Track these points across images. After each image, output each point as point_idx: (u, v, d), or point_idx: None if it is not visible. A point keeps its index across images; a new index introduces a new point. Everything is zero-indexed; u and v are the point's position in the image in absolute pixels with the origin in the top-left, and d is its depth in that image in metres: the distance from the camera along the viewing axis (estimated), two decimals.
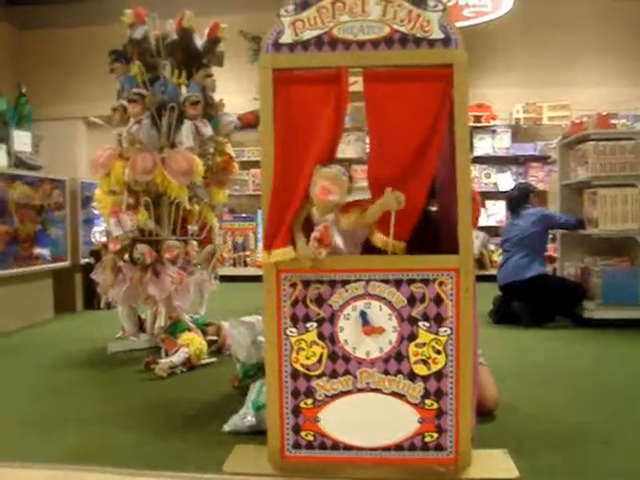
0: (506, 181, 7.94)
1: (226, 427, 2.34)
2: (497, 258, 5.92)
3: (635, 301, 4.41)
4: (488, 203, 7.88)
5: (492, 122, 8.06)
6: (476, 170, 7.99)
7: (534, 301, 4.64)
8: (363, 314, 1.94)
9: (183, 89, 3.77)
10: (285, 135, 1.97)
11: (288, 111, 1.99)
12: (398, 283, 1.94)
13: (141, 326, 3.98)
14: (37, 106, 6.35)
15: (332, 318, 1.96)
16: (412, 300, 1.94)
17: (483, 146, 8.10)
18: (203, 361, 3.44)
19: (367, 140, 7.96)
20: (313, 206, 1.97)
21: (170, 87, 3.69)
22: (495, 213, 7.93)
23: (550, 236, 6.34)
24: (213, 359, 3.53)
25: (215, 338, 3.72)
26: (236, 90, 6.86)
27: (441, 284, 1.93)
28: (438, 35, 1.95)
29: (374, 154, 2.06)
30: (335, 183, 1.92)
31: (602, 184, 4.47)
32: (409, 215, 1.97)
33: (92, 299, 5.45)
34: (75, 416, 2.59)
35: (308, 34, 1.99)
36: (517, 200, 5.03)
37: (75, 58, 8.29)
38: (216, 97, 3.90)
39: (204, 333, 3.68)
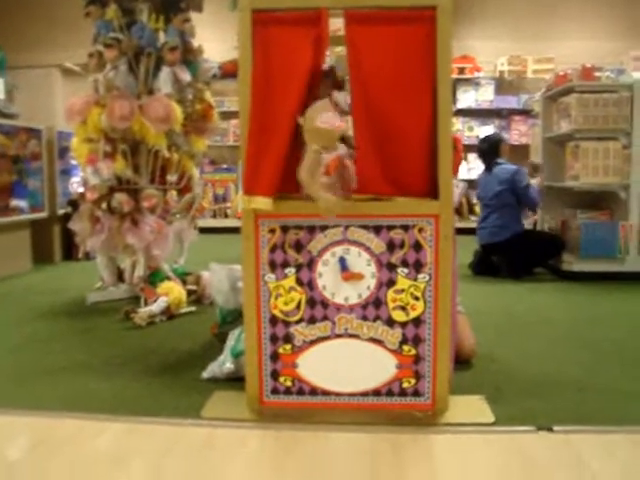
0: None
1: (205, 374, 2.34)
2: (479, 210, 5.89)
3: (614, 254, 4.45)
4: (470, 156, 7.85)
5: (476, 74, 7.99)
6: (459, 123, 7.95)
7: (513, 255, 4.67)
8: (342, 260, 1.93)
9: (161, 34, 3.66)
10: (264, 78, 1.92)
11: (267, 53, 1.94)
12: (377, 229, 1.92)
13: (120, 276, 3.95)
14: (10, 53, 6.17)
15: (311, 264, 1.95)
16: (391, 246, 1.92)
17: (466, 99, 8.05)
18: (182, 310, 3.44)
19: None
20: (311, 148, 1.87)
21: (147, 32, 3.59)
22: (477, 166, 7.89)
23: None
24: (192, 308, 3.52)
25: (194, 287, 3.71)
26: (216, 38, 6.69)
27: (420, 230, 1.91)
28: None
29: (357, 100, 1.97)
30: (334, 112, 1.86)
31: (585, 137, 4.45)
32: (420, 167, 1.94)
33: (71, 250, 5.41)
34: (54, 365, 2.58)
35: None
36: (487, 153, 4.94)
37: (50, 3, 8.05)
38: (195, 43, 3.81)
39: (183, 282, 3.67)
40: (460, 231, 2.03)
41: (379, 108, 1.93)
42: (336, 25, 2.10)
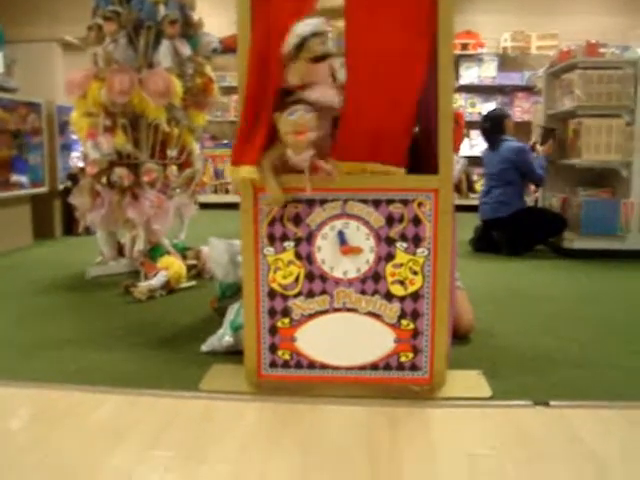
0: None
1: (204, 347, 2.35)
2: (479, 188, 5.87)
3: (614, 232, 4.44)
4: (473, 133, 7.81)
5: (479, 50, 7.92)
6: (461, 99, 7.90)
7: (514, 232, 4.66)
8: (341, 234, 1.92)
9: (161, 7, 3.62)
10: (259, 51, 1.90)
11: (264, 27, 1.91)
12: (376, 203, 1.91)
13: (120, 250, 3.95)
14: (9, 27, 6.12)
15: (309, 237, 1.95)
16: (390, 220, 1.92)
17: (469, 75, 7.99)
18: (182, 285, 3.45)
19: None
20: (286, 147, 1.88)
21: (147, 5, 3.54)
22: (479, 143, 7.85)
23: None
24: (192, 283, 3.53)
25: (194, 262, 3.71)
26: (218, 13, 6.64)
27: (420, 205, 1.91)
28: None
29: (353, 65, 1.95)
30: (304, 125, 1.85)
31: (588, 114, 4.42)
32: (401, 137, 1.92)
33: (71, 225, 5.41)
34: (55, 338, 2.60)
35: None
36: (491, 131, 4.89)
37: None
38: (195, 16, 3.77)
39: (184, 257, 3.68)
40: (460, 208, 2.02)
41: (372, 77, 1.91)
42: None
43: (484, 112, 7.61)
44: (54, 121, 5.37)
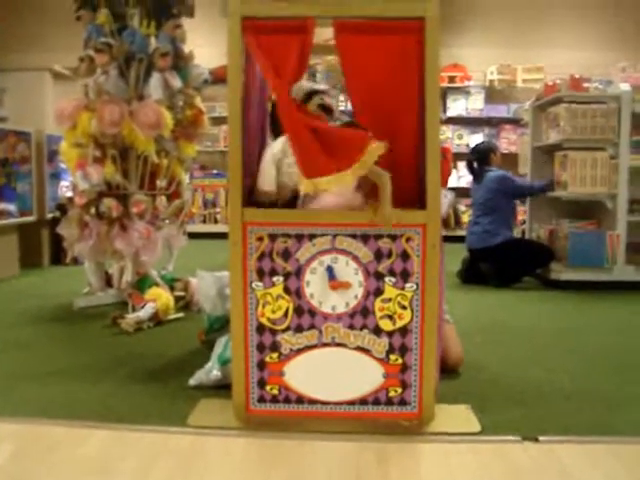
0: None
1: (192, 381, 2.33)
2: (467, 219, 5.91)
3: (601, 263, 4.48)
4: (460, 165, 7.88)
5: (466, 83, 8.03)
6: (449, 131, 7.98)
7: (502, 263, 4.68)
8: (329, 268, 1.93)
9: (152, 40, 3.67)
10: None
11: (256, 59, 1.95)
12: (365, 238, 1.93)
13: (108, 281, 3.94)
14: (0, 55, 6.16)
15: (298, 272, 1.95)
16: (379, 255, 1.93)
17: (456, 107, 8.09)
18: (170, 316, 3.43)
19: (342, 98, 7.90)
20: None
21: (139, 37, 3.59)
22: (466, 174, 7.91)
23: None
24: (180, 314, 3.52)
25: (183, 294, 3.70)
26: (208, 43, 6.70)
27: (408, 240, 1.92)
28: None
29: (358, 106, 2.01)
30: None
31: (573, 147, 4.48)
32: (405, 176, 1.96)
33: (59, 254, 5.37)
34: (40, 370, 2.57)
35: None
36: (478, 162, 4.98)
37: (41, 6, 8.02)
38: (186, 49, 3.81)
39: (172, 289, 3.66)
40: (447, 239, 2.04)
41: (375, 114, 1.94)
42: (327, 35, 2.12)
43: (471, 144, 7.72)
44: (43, 150, 5.38)
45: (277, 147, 2.31)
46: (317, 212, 2.04)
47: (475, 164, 5.00)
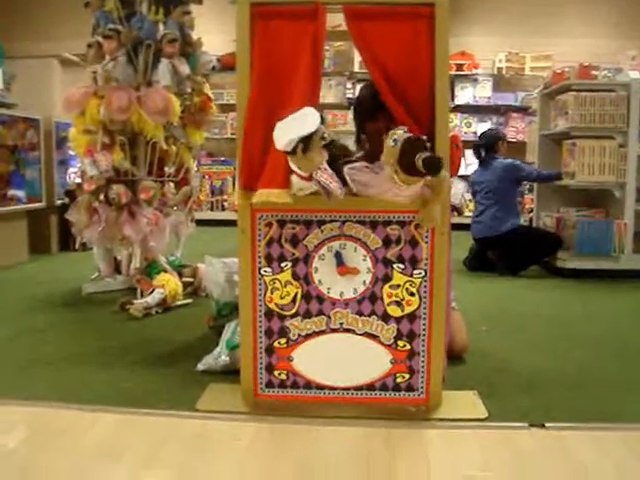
0: None
1: (200, 366, 2.35)
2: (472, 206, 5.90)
3: (608, 252, 4.46)
4: (467, 152, 7.85)
5: (474, 71, 7.98)
6: (457, 119, 7.95)
7: (510, 250, 4.68)
8: (338, 254, 1.94)
9: (160, 26, 3.66)
10: (264, 71, 1.93)
11: (266, 46, 1.94)
12: (374, 224, 1.93)
13: (117, 267, 3.96)
14: (9, 43, 6.15)
15: (307, 258, 1.96)
16: (387, 242, 1.94)
17: (465, 95, 8.05)
18: (178, 302, 3.45)
19: (349, 85, 7.89)
20: None
21: (147, 24, 3.58)
22: (474, 162, 7.89)
23: (527, 186, 6.38)
24: (188, 300, 3.54)
25: (191, 280, 3.72)
26: (216, 31, 6.67)
27: (417, 226, 1.92)
28: None
29: (383, 88, 1.97)
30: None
31: (581, 135, 4.47)
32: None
33: (67, 240, 5.39)
34: (51, 356, 2.59)
35: None
36: (485, 148, 4.98)
37: None
38: (194, 36, 3.81)
39: (180, 275, 3.68)
40: (454, 226, 2.04)
41: (397, 97, 1.94)
42: (335, 21, 2.12)
43: (479, 132, 7.68)
44: (52, 137, 5.40)
45: None
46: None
47: (482, 149, 4.99)
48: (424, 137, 1.75)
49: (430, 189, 1.83)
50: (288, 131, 1.73)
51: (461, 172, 2.35)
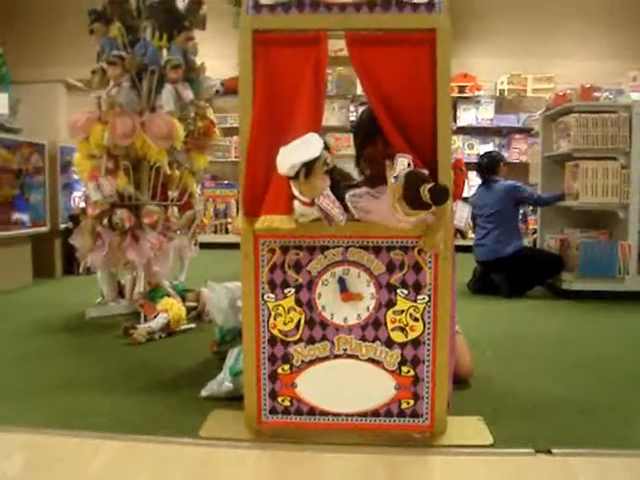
0: None
1: (203, 392, 2.34)
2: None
3: (613, 273, 4.46)
4: (470, 174, 7.88)
5: (476, 93, 8.04)
6: (460, 141, 7.99)
7: (513, 273, 4.67)
8: (341, 280, 1.93)
9: (164, 52, 3.70)
10: (266, 97, 1.94)
11: (268, 72, 1.95)
12: (377, 250, 1.93)
13: (120, 291, 3.96)
14: (15, 68, 6.21)
15: (310, 284, 1.96)
16: (391, 267, 1.93)
17: (467, 117, 8.10)
18: (182, 327, 3.44)
19: (352, 108, 7.93)
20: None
21: (151, 50, 3.62)
22: (477, 184, 7.91)
23: (530, 208, 6.39)
24: (192, 325, 3.53)
25: (194, 304, 3.71)
26: (219, 55, 6.74)
27: (420, 251, 1.92)
28: None
29: (381, 115, 1.96)
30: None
31: (584, 156, 4.48)
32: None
33: (71, 264, 5.41)
34: (52, 381, 2.58)
35: None
36: (486, 168, 5.01)
37: (54, 19, 8.11)
38: (198, 61, 3.84)
39: (183, 299, 3.68)
40: (457, 248, 2.04)
41: (396, 123, 1.94)
42: (336, 46, 2.14)
43: (482, 153, 7.69)
44: (56, 161, 5.43)
45: None
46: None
47: (484, 168, 5.02)
48: (424, 171, 1.76)
49: (433, 215, 1.83)
50: (291, 156, 1.74)
51: (464, 194, 2.35)
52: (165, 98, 3.56)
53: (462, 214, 2.07)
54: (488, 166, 4.99)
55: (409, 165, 1.78)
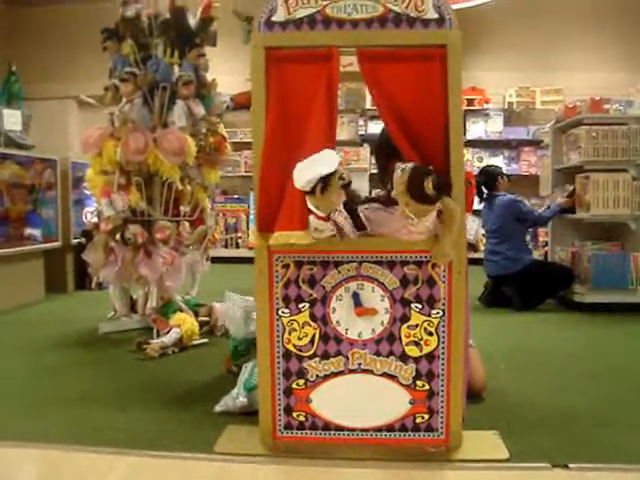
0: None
1: (217, 408, 2.34)
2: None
3: (625, 285, 4.44)
4: None
5: (485, 106, 8.04)
6: (469, 154, 7.99)
7: (525, 286, 4.65)
8: (355, 295, 1.94)
9: (176, 69, 3.74)
10: (279, 113, 1.95)
11: (281, 89, 1.97)
12: (391, 265, 1.94)
13: (133, 307, 3.97)
14: (27, 85, 6.29)
15: (324, 299, 1.96)
16: (405, 282, 1.94)
17: (476, 130, 8.10)
18: (195, 342, 3.44)
19: (361, 122, 7.96)
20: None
21: (162, 66, 3.66)
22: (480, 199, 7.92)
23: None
24: (205, 340, 3.53)
25: (207, 319, 3.72)
26: (229, 71, 6.80)
27: (434, 266, 1.93)
28: (432, 15, 1.94)
29: (394, 132, 1.97)
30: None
31: (594, 169, 4.48)
32: None
33: (84, 279, 5.43)
34: (66, 396, 2.59)
35: (301, 12, 1.97)
36: (486, 185, 4.97)
37: (66, 36, 8.19)
38: (209, 77, 3.88)
39: (196, 314, 3.69)
40: (469, 262, 2.04)
41: (409, 138, 1.95)
42: (346, 61, 2.15)
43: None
44: (69, 177, 5.47)
45: None
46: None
47: (483, 186, 4.98)
48: (430, 166, 1.78)
49: (441, 223, 1.83)
50: (308, 171, 1.76)
51: (475, 207, 2.36)
52: (177, 114, 3.59)
53: (472, 226, 2.07)
54: (487, 182, 4.97)
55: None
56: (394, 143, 1.98)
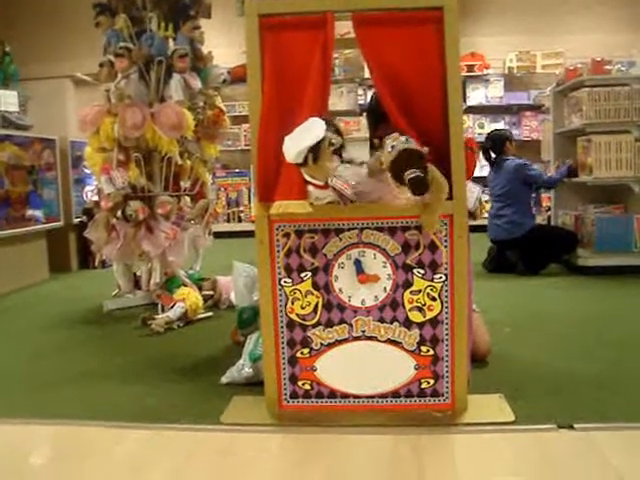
0: None
1: (223, 379, 2.35)
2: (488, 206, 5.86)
3: (628, 248, 4.42)
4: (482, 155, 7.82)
5: (485, 71, 7.95)
6: (470, 120, 7.93)
7: (528, 251, 4.65)
8: (357, 262, 1.93)
9: (170, 42, 3.69)
10: (275, 82, 1.93)
11: (276, 57, 1.95)
12: (392, 230, 1.93)
13: (136, 283, 3.98)
14: (23, 65, 6.22)
15: (326, 267, 1.96)
16: (406, 247, 1.93)
17: (476, 96, 8.02)
18: (199, 316, 3.46)
19: (360, 92, 7.90)
20: None
21: (157, 40, 3.62)
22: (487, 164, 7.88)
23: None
24: (209, 313, 3.55)
25: (211, 293, 3.73)
26: (225, 43, 6.73)
27: (435, 230, 1.92)
28: None
29: (386, 97, 1.96)
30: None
31: (596, 131, 4.43)
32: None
33: (87, 258, 5.45)
34: (74, 373, 2.61)
35: None
36: (494, 151, 4.94)
37: (60, 14, 8.09)
38: (204, 50, 3.83)
39: (199, 288, 3.69)
40: (471, 228, 2.03)
41: (403, 105, 1.93)
42: (343, 29, 2.12)
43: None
44: (68, 156, 5.45)
45: None
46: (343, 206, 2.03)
47: (491, 151, 4.95)
48: (423, 150, 1.75)
49: (429, 193, 1.82)
50: (296, 143, 1.75)
51: (476, 174, 2.34)
52: (174, 88, 3.56)
53: (472, 194, 2.06)
54: (495, 147, 4.93)
55: (407, 141, 1.78)
56: (382, 108, 1.96)
